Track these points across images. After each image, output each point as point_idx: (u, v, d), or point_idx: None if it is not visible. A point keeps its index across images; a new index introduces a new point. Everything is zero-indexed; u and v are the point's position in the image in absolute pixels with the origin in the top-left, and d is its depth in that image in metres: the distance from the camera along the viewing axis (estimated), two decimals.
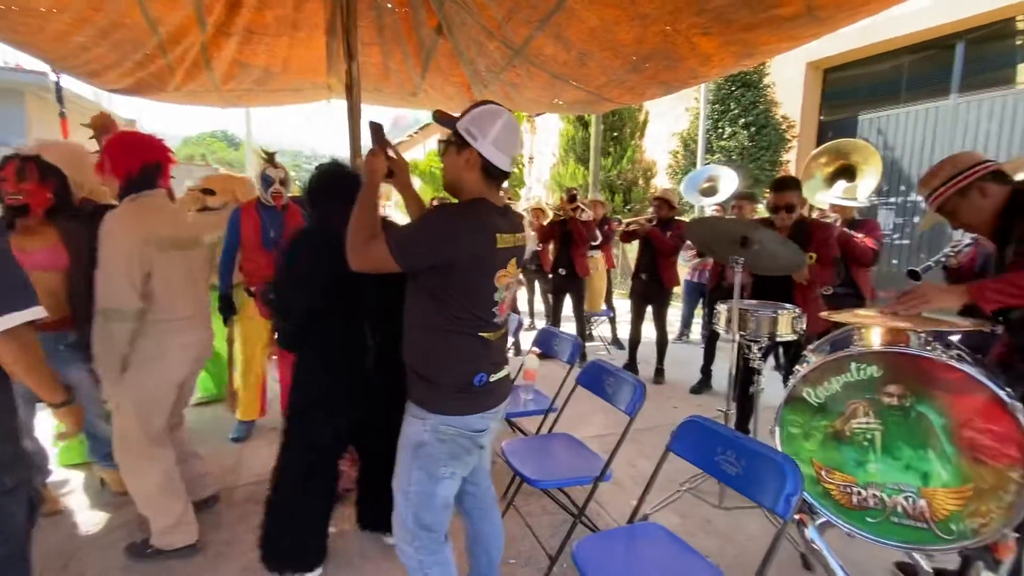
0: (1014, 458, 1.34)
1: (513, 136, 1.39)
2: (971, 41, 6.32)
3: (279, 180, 2.98)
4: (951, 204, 1.62)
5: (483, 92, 4.06)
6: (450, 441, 1.39)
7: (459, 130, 1.36)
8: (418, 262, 1.32)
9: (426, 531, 1.43)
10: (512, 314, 3.48)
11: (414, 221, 1.39)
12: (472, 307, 1.36)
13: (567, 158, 10.66)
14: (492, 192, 1.42)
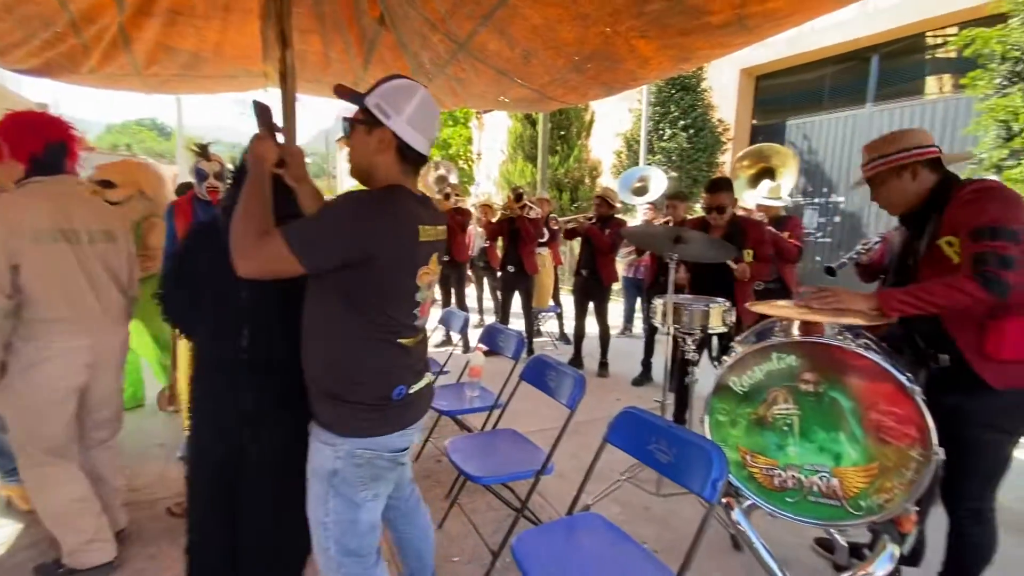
0: (914, 438, 1.47)
1: (431, 115, 1.25)
2: (885, 54, 6.87)
3: (213, 174, 2.81)
4: (881, 178, 1.65)
5: (428, 86, 3.99)
6: (367, 464, 1.22)
7: (368, 106, 1.18)
8: (327, 261, 1.12)
9: (353, 557, 1.26)
10: (460, 312, 3.46)
11: (318, 212, 1.17)
12: (391, 310, 1.20)
13: (516, 155, 10.71)
14: (409, 179, 1.26)
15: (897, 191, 1.63)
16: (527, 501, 1.90)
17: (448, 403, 2.60)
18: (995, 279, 1.36)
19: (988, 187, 1.48)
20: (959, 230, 1.47)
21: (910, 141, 1.61)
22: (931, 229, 1.56)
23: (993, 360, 1.45)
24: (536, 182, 8.85)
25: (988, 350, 1.45)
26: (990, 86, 4.68)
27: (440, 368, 3.13)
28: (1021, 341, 1.42)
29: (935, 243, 1.54)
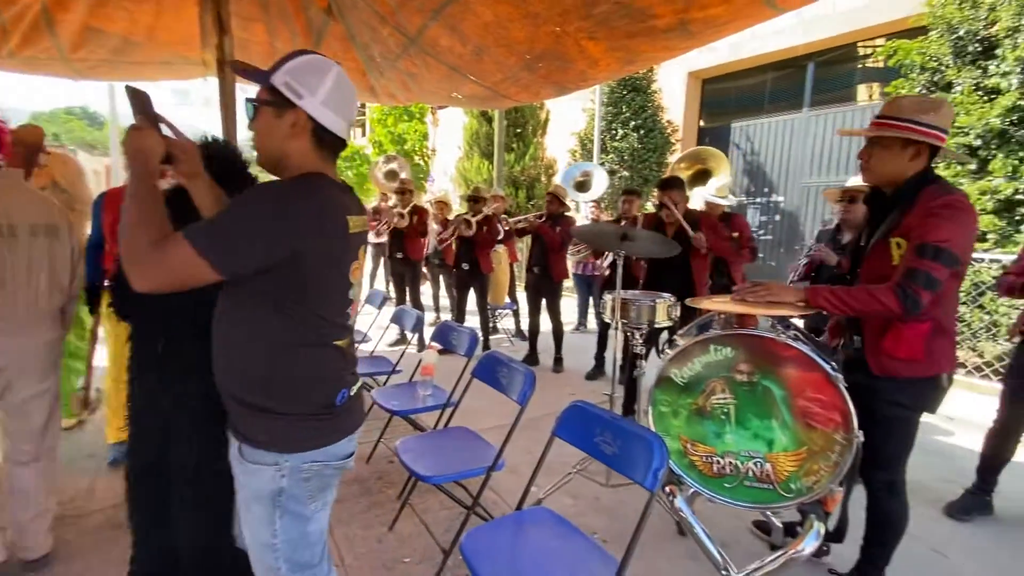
0: (837, 422, 1.58)
1: (348, 95, 1.14)
2: (820, 63, 7.28)
3: None
4: (887, 142, 1.55)
5: (379, 80, 3.92)
6: (316, 476, 1.13)
7: (276, 85, 1.06)
8: (247, 264, 0.98)
9: (306, 569, 1.19)
10: (412, 310, 3.42)
11: (230, 209, 1.01)
12: (325, 311, 1.10)
13: (472, 152, 10.67)
14: (329, 166, 1.14)
15: (892, 163, 1.57)
16: (478, 498, 1.90)
17: (400, 403, 2.56)
18: (914, 298, 1.44)
19: (959, 206, 1.48)
20: (911, 236, 1.50)
21: (941, 117, 1.52)
22: (889, 223, 1.61)
23: (882, 353, 1.58)
24: (492, 179, 8.84)
25: (885, 346, 1.57)
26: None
27: (393, 367, 3.09)
28: (910, 345, 1.54)
29: (888, 238, 1.59)
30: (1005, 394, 2.45)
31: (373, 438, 2.90)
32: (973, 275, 4.39)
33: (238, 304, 1.08)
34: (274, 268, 1.00)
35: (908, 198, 1.55)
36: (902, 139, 1.53)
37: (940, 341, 1.57)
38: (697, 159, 3.66)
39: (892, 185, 1.61)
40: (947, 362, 1.59)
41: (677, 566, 2.04)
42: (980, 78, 4.52)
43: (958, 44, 4.67)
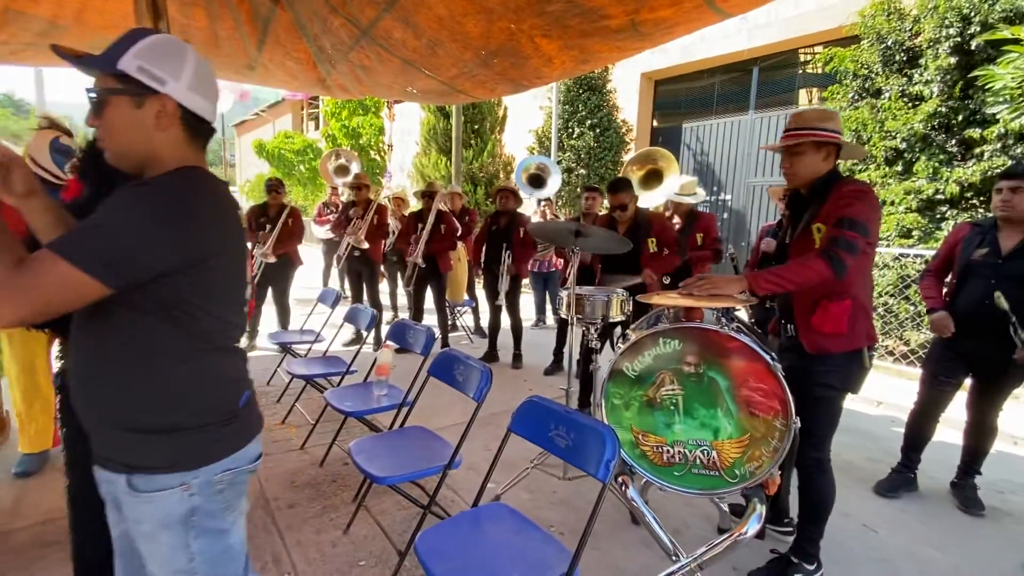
0: (777, 410, 1.66)
1: (210, 75, 1.05)
2: (764, 67, 7.62)
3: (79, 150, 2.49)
4: (803, 148, 1.76)
5: (330, 72, 3.81)
6: (229, 486, 1.06)
7: (128, 72, 0.93)
8: (140, 273, 0.88)
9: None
10: (367, 308, 3.35)
11: (108, 215, 0.88)
12: (225, 313, 1.03)
13: (429, 148, 10.54)
14: (202, 156, 1.06)
15: (810, 165, 1.77)
16: (434, 497, 1.89)
17: (354, 403, 2.51)
18: (838, 259, 1.60)
19: (864, 190, 1.71)
20: (829, 219, 1.70)
21: (836, 123, 1.77)
22: (810, 214, 1.79)
23: (812, 330, 1.72)
24: (450, 175, 8.77)
25: (814, 322, 1.72)
26: (844, 100, 5.37)
27: (347, 367, 3.02)
28: (835, 321, 1.69)
29: (809, 227, 1.77)
30: (924, 379, 2.67)
31: (327, 440, 2.83)
32: (899, 269, 4.73)
33: (123, 322, 0.94)
34: (172, 274, 0.91)
35: (822, 193, 1.76)
36: (814, 144, 1.75)
37: (860, 317, 1.73)
38: (648, 160, 3.77)
39: (808, 184, 1.81)
40: (867, 337, 1.75)
41: (631, 553, 2.10)
42: (906, 85, 4.86)
43: (886, 53, 5.00)
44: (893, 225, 4.82)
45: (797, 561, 1.81)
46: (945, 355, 2.56)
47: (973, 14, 4.32)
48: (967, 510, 2.46)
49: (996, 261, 2.37)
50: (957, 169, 4.51)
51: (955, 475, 2.61)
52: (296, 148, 15.80)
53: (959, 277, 2.49)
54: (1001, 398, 2.46)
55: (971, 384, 2.54)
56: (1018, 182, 2.31)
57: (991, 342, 2.35)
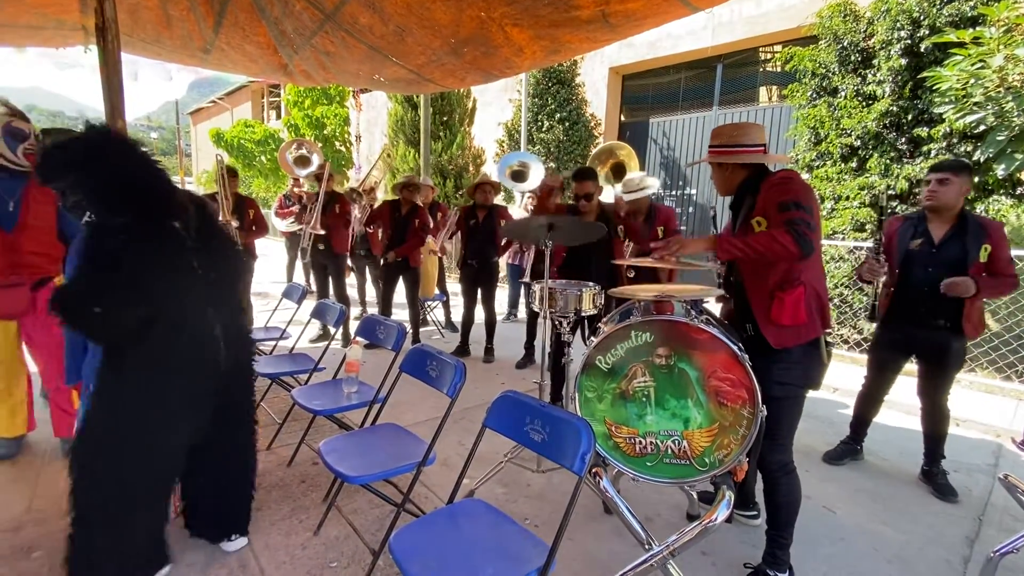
0: (744, 399, 1.71)
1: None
2: (727, 64, 7.79)
3: (34, 135, 2.41)
4: (713, 166, 1.96)
5: (293, 57, 3.67)
6: None
7: None
8: None
9: None
10: (335, 303, 3.26)
11: None
12: None
13: (397, 139, 10.35)
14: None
15: (720, 178, 1.96)
16: (408, 495, 1.86)
17: (323, 402, 2.44)
18: (805, 236, 1.63)
19: (791, 175, 1.78)
20: (768, 209, 1.75)
21: (751, 136, 1.87)
22: (746, 210, 1.86)
23: (772, 323, 1.76)
24: (419, 167, 8.63)
25: (772, 315, 1.76)
26: (803, 98, 5.55)
27: (315, 365, 2.93)
28: (793, 311, 1.73)
29: (749, 221, 1.82)
30: (870, 363, 2.85)
31: (294, 440, 2.75)
32: (854, 261, 4.94)
33: None
34: None
35: (754, 190, 1.83)
36: (717, 163, 1.92)
37: (816, 303, 1.79)
38: (610, 154, 3.79)
39: (734, 190, 1.94)
40: (824, 323, 1.81)
41: (604, 543, 2.13)
42: (860, 85, 5.06)
43: (842, 53, 5.18)
44: (848, 219, 5.02)
45: (772, 574, 1.85)
46: (889, 341, 2.73)
47: (922, 18, 4.53)
48: (943, 497, 2.58)
49: (931, 250, 2.53)
50: (907, 166, 4.74)
51: (923, 463, 2.75)
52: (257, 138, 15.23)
53: (899, 268, 2.64)
54: (947, 382, 2.61)
55: (919, 370, 2.69)
56: (945, 175, 2.47)
57: (931, 327, 2.51)
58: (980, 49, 3.69)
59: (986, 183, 4.34)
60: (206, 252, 1.72)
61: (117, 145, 1.57)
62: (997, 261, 2.43)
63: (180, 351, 1.63)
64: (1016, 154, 3.60)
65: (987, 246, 2.42)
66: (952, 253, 2.47)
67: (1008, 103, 3.56)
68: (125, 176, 1.53)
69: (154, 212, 1.60)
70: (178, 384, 1.65)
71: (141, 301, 1.51)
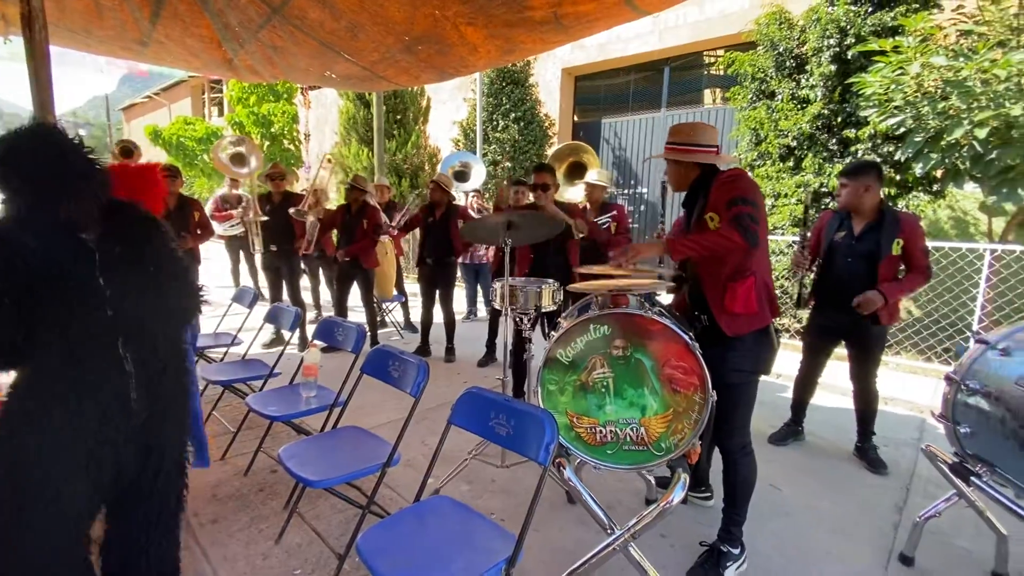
0: (696, 385, 1.80)
1: None
2: (674, 67, 8.08)
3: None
4: (669, 162, 2.05)
5: (238, 52, 3.53)
6: None
7: None
8: None
9: None
10: (290, 307, 3.17)
11: None
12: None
13: (349, 138, 10.10)
14: None
15: (675, 175, 2.06)
16: (373, 496, 1.85)
17: (280, 407, 2.38)
18: (751, 229, 1.75)
19: (739, 173, 1.90)
20: (718, 206, 1.86)
21: (704, 136, 1.97)
22: (699, 206, 1.96)
23: (726, 313, 1.88)
24: (373, 167, 8.47)
25: (726, 305, 1.87)
26: (744, 100, 5.85)
27: (270, 370, 2.85)
28: (745, 300, 1.85)
29: (703, 217, 1.93)
30: (804, 349, 3.08)
31: (250, 449, 2.66)
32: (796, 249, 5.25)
33: None
34: None
35: (706, 186, 1.94)
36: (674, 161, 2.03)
37: (765, 293, 1.92)
38: (571, 152, 3.87)
39: (686, 187, 2.04)
40: (773, 311, 1.94)
41: (568, 532, 2.19)
42: (795, 89, 5.38)
43: (779, 59, 5.49)
44: (787, 215, 5.33)
45: (727, 550, 1.96)
46: (818, 327, 2.97)
47: (849, 27, 4.87)
48: (875, 471, 2.80)
49: (852, 242, 2.76)
50: (837, 165, 5.08)
51: (856, 440, 2.97)
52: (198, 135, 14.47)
53: (825, 257, 2.87)
54: (873, 363, 2.84)
55: (848, 354, 2.91)
56: (843, 179, 2.73)
57: (852, 313, 2.72)
58: (899, 57, 4.01)
59: (906, 181, 4.73)
60: (127, 274, 1.39)
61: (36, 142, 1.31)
62: (911, 253, 2.66)
63: (74, 386, 1.31)
64: (932, 154, 3.93)
65: (900, 240, 2.65)
66: (868, 245, 2.70)
67: (924, 107, 3.88)
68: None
69: (50, 221, 1.30)
70: (70, 426, 1.30)
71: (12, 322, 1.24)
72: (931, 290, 4.74)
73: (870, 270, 2.67)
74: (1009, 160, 3.56)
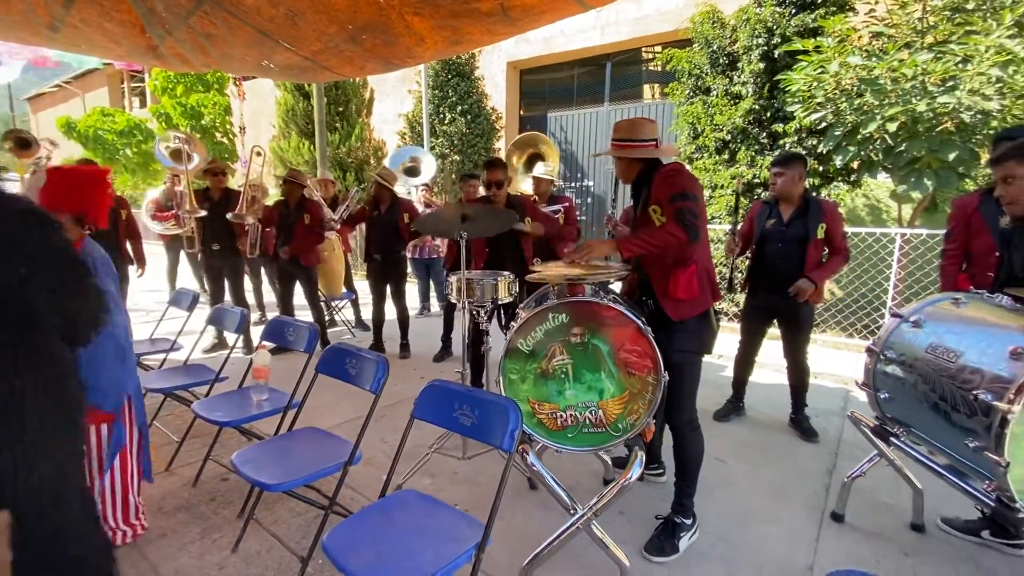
0: (649, 367, 1.89)
1: None
2: (616, 63, 8.29)
3: None
4: (615, 157, 2.13)
5: (164, 39, 3.30)
6: None
7: None
8: None
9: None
10: (234, 308, 3.03)
11: None
12: None
13: (288, 131, 9.68)
14: None
15: (621, 169, 2.15)
16: (335, 496, 1.82)
17: (229, 413, 2.28)
18: (692, 223, 1.86)
19: (677, 168, 2.00)
20: (661, 199, 1.96)
21: (644, 131, 2.06)
22: (643, 199, 2.07)
23: (671, 298, 1.99)
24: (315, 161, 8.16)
25: (670, 291, 1.99)
26: (682, 96, 6.10)
27: (216, 375, 2.72)
28: (687, 285, 1.97)
29: (647, 210, 2.03)
30: (742, 330, 3.31)
31: (197, 458, 2.54)
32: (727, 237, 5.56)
33: None
34: None
35: (648, 180, 2.05)
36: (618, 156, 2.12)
37: (707, 278, 2.04)
38: (528, 144, 3.92)
39: (633, 179, 2.14)
40: (714, 295, 2.08)
41: (531, 516, 2.24)
42: (728, 85, 5.68)
43: (713, 56, 5.77)
44: (723, 206, 5.64)
45: (680, 520, 2.08)
46: (753, 308, 3.20)
47: (775, 27, 5.18)
48: (807, 439, 3.04)
49: (781, 228, 2.98)
50: (768, 157, 5.42)
51: (791, 412, 3.21)
52: (119, 128, 13.36)
53: (757, 244, 3.09)
54: (804, 341, 3.09)
55: (781, 334, 3.15)
56: (779, 168, 2.94)
57: (784, 296, 2.95)
58: (820, 56, 4.32)
59: (828, 172, 5.11)
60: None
61: None
62: (832, 237, 2.93)
63: None
64: (849, 147, 4.28)
65: (823, 224, 2.91)
66: (797, 230, 2.93)
67: (843, 103, 4.22)
68: None
69: None
70: None
71: None
72: (851, 272, 5.17)
73: (800, 253, 2.90)
74: (915, 152, 3.93)
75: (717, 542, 2.11)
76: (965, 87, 3.73)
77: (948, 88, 3.78)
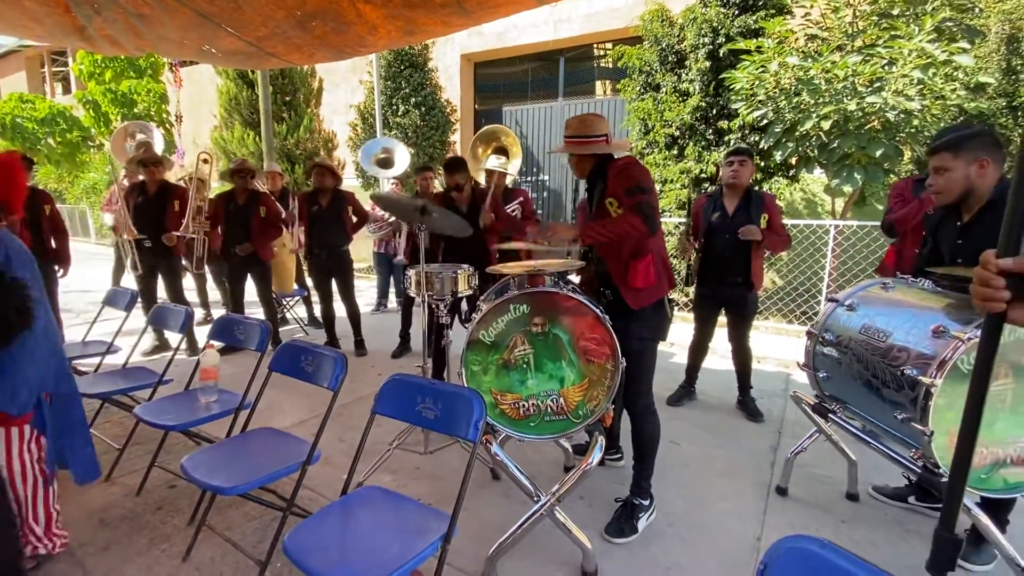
0: (607, 354, 1.94)
1: None
2: (569, 58, 8.38)
3: None
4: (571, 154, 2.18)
5: (92, 19, 3.06)
6: None
7: None
8: None
9: None
10: (177, 307, 2.87)
11: None
12: None
13: (231, 121, 9.21)
14: None
15: (577, 164, 2.20)
16: (294, 497, 1.77)
17: (176, 416, 2.17)
18: (652, 218, 1.93)
19: (630, 161, 2.06)
20: (617, 193, 2.02)
21: (595, 127, 2.11)
22: (599, 192, 2.12)
23: (630, 288, 2.06)
24: (261, 152, 7.80)
25: (629, 280, 2.06)
26: (633, 92, 6.25)
27: (159, 378, 2.57)
28: (645, 275, 2.05)
29: (603, 202, 2.09)
30: (695, 319, 3.47)
31: (140, 466, 2.40)
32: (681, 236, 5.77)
33: None
34: None
35: (603, 174, 2.12)
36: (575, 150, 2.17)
37: (662, 267, 2.13)
38: (492, 137, 3.89)
39: (587, 172, 2.19)
40: (670, 283, 2.17)
41: (495, 506, 2.26)
42: (677, 83, 5.86)
43: (662, 54, 5.94)
44: (673, 199, 5.83)
45: (638, 502, 2.15)
46: (703, 298, 3.35)
47: (720, 28, 5.39)
48: (753, 419, 3.22)
49: (726, 220, 3.14)
50: (714, 152, 5.65)
51: (738, 395, 3.38)
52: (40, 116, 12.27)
53: (705, 237, 3.23)
54: (747, 326, 3.27)
55: (727, 320, 3.31)
56: (743, 157, 3.09)
57: (731, 285, 3.14)
58: (761, 56, 4.54)
59: (769, 167, 5.39)
60: None
61: None
62: (774, 225, 3.12)
63: None
64: (788, 143, 4.53)
65: (765, 215, 3.09)
66: (742, 221, 3.09)
67: (782, 102, 4.45)
68: None
69: None
70: None
71: None
72: (790, 262, 5.48)
73: (746, 244, 3.05)
74: (846, 148, 4.21)
75: (674, 521, 2.20)
76: (890, 88, 4.02)
77: (875, 89, 4.06)
